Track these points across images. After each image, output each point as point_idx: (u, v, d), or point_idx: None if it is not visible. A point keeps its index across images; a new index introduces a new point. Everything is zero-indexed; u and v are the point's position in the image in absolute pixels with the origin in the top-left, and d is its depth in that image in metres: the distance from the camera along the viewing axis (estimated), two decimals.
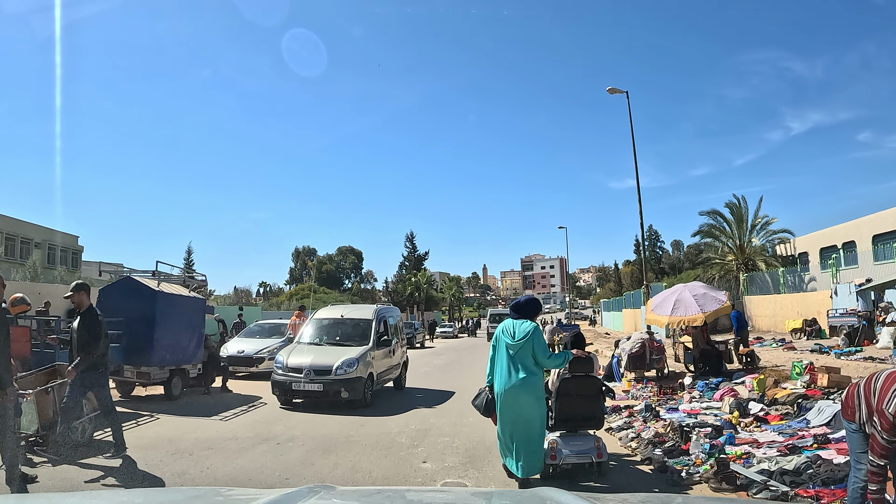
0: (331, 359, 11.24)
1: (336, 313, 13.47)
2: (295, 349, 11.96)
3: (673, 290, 14.33)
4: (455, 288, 78.42)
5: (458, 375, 17.58)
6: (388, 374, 13.07)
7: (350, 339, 12.39)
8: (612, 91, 22.77)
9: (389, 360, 13.03)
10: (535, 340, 5.65)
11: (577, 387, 6.09)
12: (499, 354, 5.83)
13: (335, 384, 10.87)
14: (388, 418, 10.23)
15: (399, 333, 14.36)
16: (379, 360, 12.28)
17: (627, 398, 11.80)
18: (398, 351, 13.87)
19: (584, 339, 6.88)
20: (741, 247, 35.64)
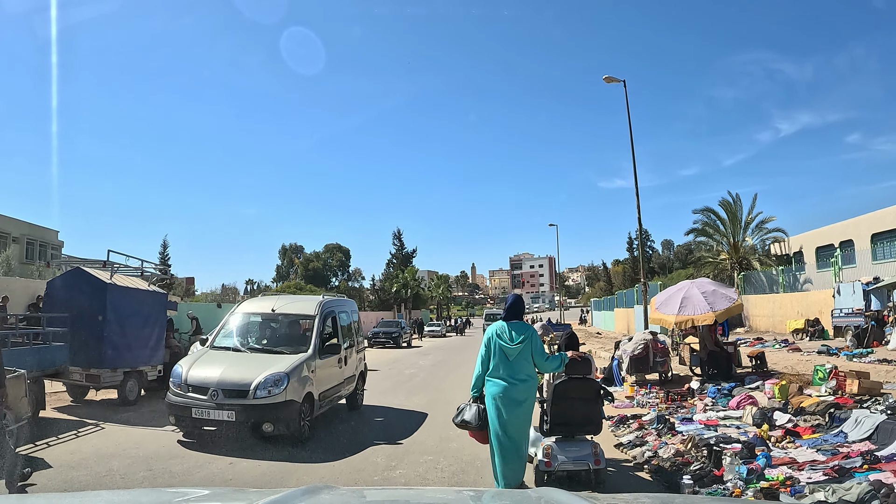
0: (250, 373, 7.81)
1: (265, 306, 9.82)
2: (203, 357, 8.55)
3: (679, 287, 13.24)
4: (443, 286, 77.18)
5: (444, 379, 16.40)
6: (338, 391, 9.73)
7: (283, 343, 9.15)
8: (609, 80, 21.76)
9: (339, 371, 9.66)
10: (534, 343, 5.44)
11: (573, 390, 5.82)
12: (493, 359, 5.47)
13: (254, 412, 7.55)
14: (328, 465, 7.01)
15: (355, 334, 11.01)
16: (323, 372, 8.92)
17: (632, 406, 10.76)
18: (353, 358, 10.52)
19: (578, 339, 6.57)
20: (735, 245, 34.95)
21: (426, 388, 13.84)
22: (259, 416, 7.57)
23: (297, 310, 9.71)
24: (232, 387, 7.68)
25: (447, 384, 14.44)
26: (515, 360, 5.39)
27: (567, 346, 6.23)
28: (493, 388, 5.39)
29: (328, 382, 9.15)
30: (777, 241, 35.02)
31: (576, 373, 5.89)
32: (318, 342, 8.87)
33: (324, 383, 8.93)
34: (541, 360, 5.50)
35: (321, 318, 9.30)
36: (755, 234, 35.33)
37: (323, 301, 9.82)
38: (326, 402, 9.16)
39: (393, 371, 18.14)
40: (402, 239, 70.93)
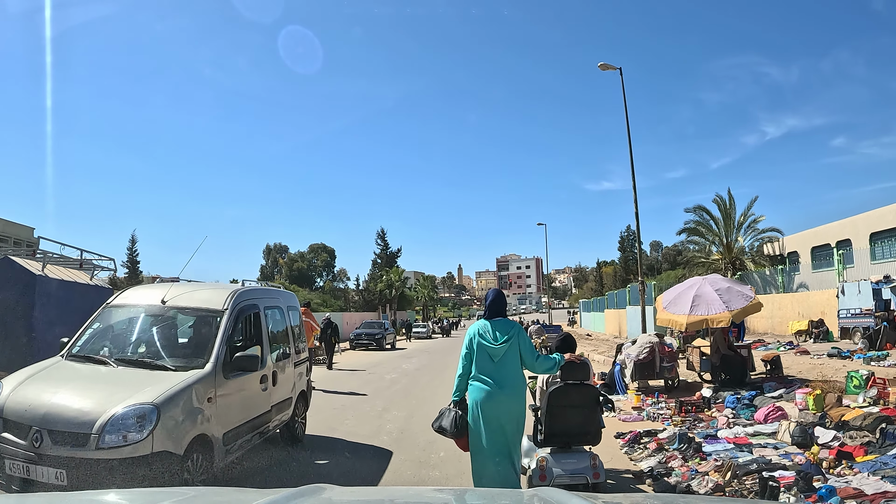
0: (99, 402, 4.77)
1: (153, 296, 6.47)
2: (44, 371, 5.46)
3: (690, 284, 12.00)
4: (430, 287, 75.89)
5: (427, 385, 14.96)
6: (260, 425, 6.50)
7: (172, 352, 5.87)
8: (604, 67, 20.64)
9: (261, 395, 6.55)
10: (521, 341, 4.95)
11: (569, 397, 5.37)
12: (476, 361, 4.92)
13: (99, 472, 4.46)
14: None
15: (293, 341, 7.91)
16: (232, 399, 5.82)
17: (641, 418, 9.48)
18: (287, 375, 7.43)
19: (575, 341, 6.02)
20: (728, 245, 34.17)
21: (406, 397, 12.45)
22: (107, 479, 4.39)
23: (197, 302, 6.34)
24: (64, 426, 4.55)
25: (430, 391, 13.16)
26: (501, 362, 4.88)
27: (562, 347, 5.69)
28: (476, 393, 4.85)
29: (242, 413, 6.01)
30: (771, 241, 34.43)
31: (573, 377, 5.39)
32: (222, 352, 5.69)
33: (233, 415, 5.80)
34: (531, 360, 4.98)
35: (232, 316, 6.11)
36: (748, 234, 34.78)
37: (238, 291, 6.55)
38: (239, 445, 5.94)
39: (373, 376, 16.79)
40: (387, 238, 69.48)
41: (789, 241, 33.46)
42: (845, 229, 28.59)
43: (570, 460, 5.32)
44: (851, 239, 27.50)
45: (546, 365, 5.14)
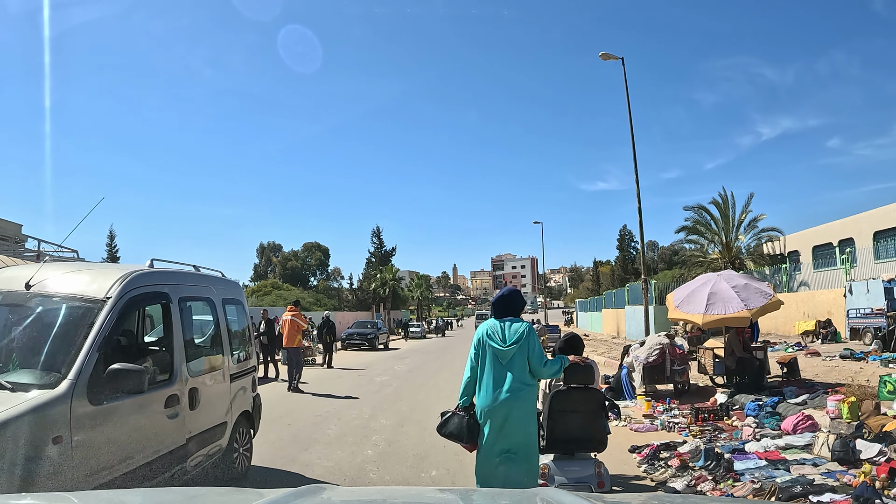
0: None
1: (17, 280, 4.49)
2: None
3: (703, 281, 11.14)
4: (424, 286, 75.00)
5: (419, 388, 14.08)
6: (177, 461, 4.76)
7: (23, 360, 4.05)
8: (606, 57, 19.85)
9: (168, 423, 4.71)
10: (531, 344, 4.58)
11: (573, 401, 5.07)
12: (484, 363, 4.58)
13: None
14: None
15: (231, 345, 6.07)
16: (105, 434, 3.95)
17: (655, 428, 8.64)
18: (218, 392, 5.66)
19: (582, 341, 5.64)
20: (727, 244, 33.51)
21: (397, 402, 11.54)
22: None
23: (72, 287, 4.44)
24: None
25: (422, 395, 12.32)
26: (509, 365, 4.53)
27: (566, 348, 5.34)
28: (484, 398, 4.54)
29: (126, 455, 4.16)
30: (771, 240, 33.82)
31: (576, 381, 5.10)
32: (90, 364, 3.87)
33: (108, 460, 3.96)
34: (538, 365, 4.57)
35: (116, 308, 4.26)
36: (748, 233, 34.17)
37: (132, 275, 4.61)
38: None
39: (363, 378, 15.90)
40: (382, 237, 68.82)
41: (790, 240, 32.93)
42: (847, 228, 28.11)
43: (574, 468, 5.03)
44: (854, 238, 27.00)
45: (552, 369, 4.74)
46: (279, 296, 56.10)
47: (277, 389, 13.18)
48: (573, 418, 5.06)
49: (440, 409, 9.04)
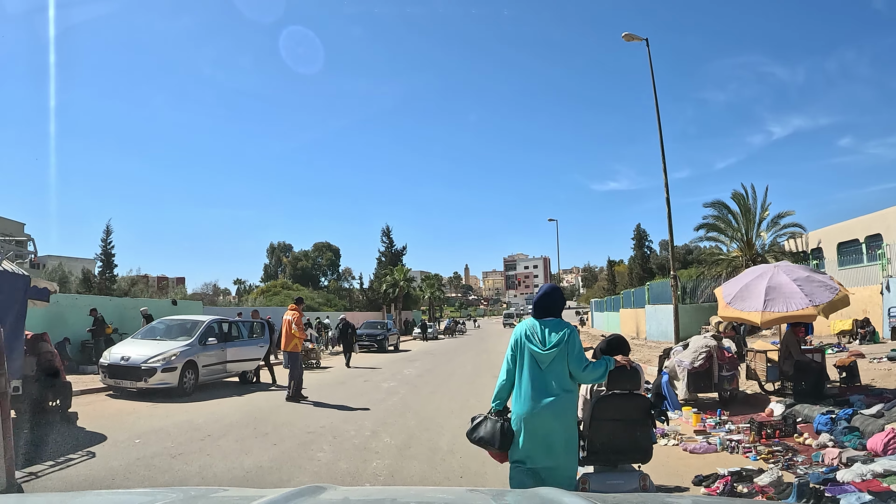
0: None
1: None
2: None
3: (758, 274, 9.81)
4: (436, 286, 74.02)
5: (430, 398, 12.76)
6: None
7: None
8: (629, 38, 18.74)
9: None
10: (572, 346, 4.18)
11: (618, 408, 4.57)
12: (522, 366, 4.24)
13: None
14: None
15: None
16: None
17: (713, 448, 7.27)
18: None
19: (627, 343, 5.03)
20: (749, 241, 32.26)
21: (404, 414, 10.15)
22: None
23: None
24: None
25: (433, 406, 11.08)
26: (549, 370, 4.24)
27: (610, 350, 4.75)
28: (521, 404, 4.24)
29: None
30: (794, 236, 32.47)
31: (621, 387, 4.62)
32: None
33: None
34: (578, 369, 4.25)
35: None
36: (769, 230, 32.86)
37: None
38: None
39: (368, 385, 14.61)
40: (392, 236, 67.69)
41: (813, 236, 31.58)
42: (875, 223, 26.68)
43: (617, 481, 4.62)
44: (882, 233, 25.51)
45: (596, 374, 4.35)
46: (288, 296, 55.36)
47: (274, 398, 12.10)
48: (617, 427, 4.62)
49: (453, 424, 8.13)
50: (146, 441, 7.67)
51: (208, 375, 13.23)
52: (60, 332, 17.04)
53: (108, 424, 8.64)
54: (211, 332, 13.63)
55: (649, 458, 4.74)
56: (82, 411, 9.51)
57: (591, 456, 4.68)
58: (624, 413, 4.63)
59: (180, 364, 12.10)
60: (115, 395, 11.97)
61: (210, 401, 11.57)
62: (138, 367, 11.67)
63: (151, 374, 11.67)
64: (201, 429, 8.61)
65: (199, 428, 8.67)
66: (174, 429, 8.58)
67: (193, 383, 12.51)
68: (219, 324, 14.22)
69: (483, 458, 6.03)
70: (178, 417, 9.58)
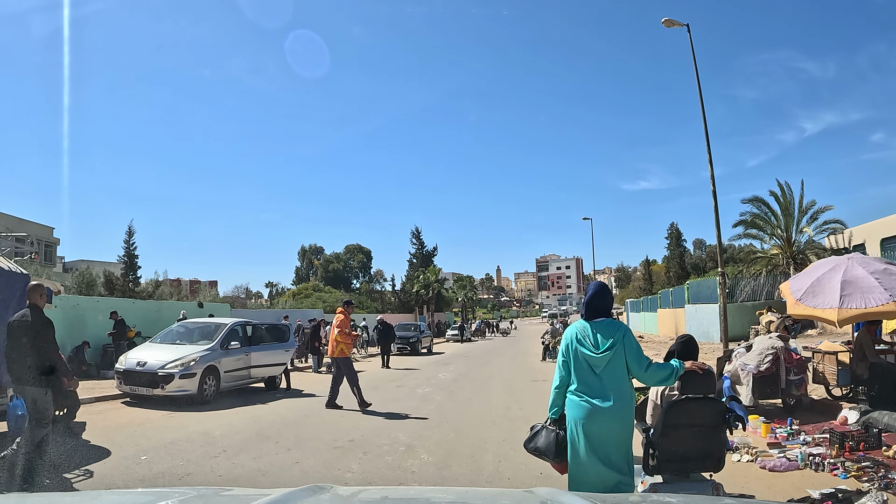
0: None
1: None
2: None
3: (831, 267, 8.82)
4: (468, 288, 73.08)
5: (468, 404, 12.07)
6: None
7: None
8: (669, 23, 17.71)
9: None
10: (629, 347, 3.97)
11: (691, 414, 4.15)
12: (576, 372, 4.04)
13: None
14: None
15: None
16: None
17: (795, 464, 6.35)
18: None
19: (697, 344, 4.64)
20: (788, 238, 30.87)
21: (441, 424, 9.35)
22: None
23: None
24: None
25: (472, 414, 10.31)
26: (605, 373, 3.96)
27: (682, 352, 4.48)
28: (576, 410, 3.99)
29: None
30: (835, 232, 31.03)
31: (695, 390, 4.27)
32: None
33: None
34: (639, 369, 3.97)
35: None
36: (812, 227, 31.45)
37: None
38: None
39: (402, 390, 13.86)
40: (422, 238, 66.95)
41: (855, 232, 30.23)
42: None
43: (689, 491, 4.22)
44: None
45: (661, 375, 4.10)
46: (319, 298, 55.10)
47: (300, 406, 11.41)
48: (690, 433, 4.26)
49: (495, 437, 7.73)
50: (153, 458, 6.88)
51: (231, 382, 12.45)
52: (80, 336, 16.74)
53: (116, 437, 7.92)
54: (234, 335, 12.88)
55: (722, 466, 4.38)
56: (91, 421, 8.96)
57: (661, 464, 4.31)
58: (698, 419, 4.27)
59: (200, 370, 11.35)
60: (132, 402, 11.27)
61: (231, 409, 10.83)
62: (154, 373, 10.95)
63: (168, 381, 10.92)
64: (216, 443, 7.85)
65: (214, 442, 7.93)
66: (186, 443, 7.81)
67: (214, 390, 11.76)
68: (242, 327, 13.46)
69: (533, 480, 5.58)
70: (194, 429, 8.84)
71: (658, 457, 4.35)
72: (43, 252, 40.53)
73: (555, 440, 4.19)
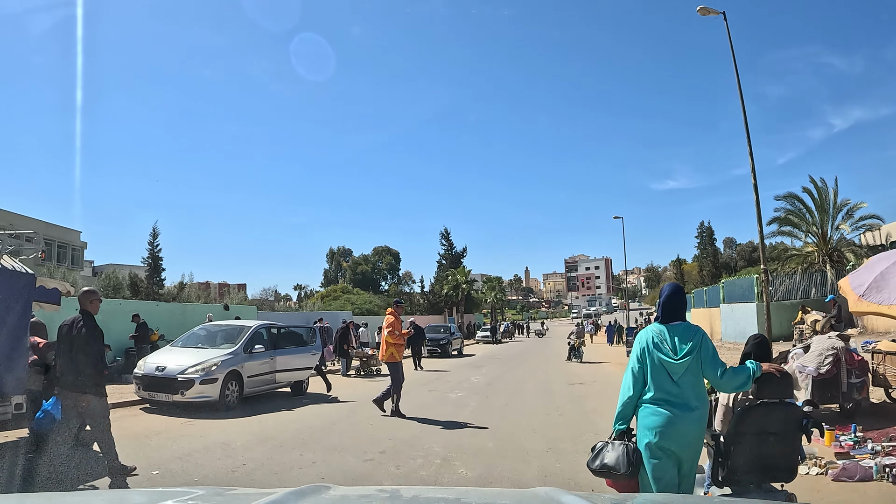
0: None
1: None
2: None
3: (893, 259, 8.03)
4: (497, 289, 72.39)
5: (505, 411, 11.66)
6: None
7: None
8: (705, 11, 16.93)
9: None
10: (706, 352, 3.72)
11: (769, 420, 3.85)
12: (651, 379, 3.73)
13: None
14: None
15: None
16: None
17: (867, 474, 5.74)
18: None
19: (771, 346, 4.54)
20: (823, 236, 29.74)
21: (477, 434, 8.75)
22: None
23: None
24: None
25: (510, 423, 9.66)
26: (682, 380, 3.69)
27: (758, 353, 4.18)
28: (653, 418, 3.68)
29: None
30: (871, 229, 29.82)
31: (772, 395, 3.90)
32: None
33: None
34: (715, 375, 3.71)
35: None
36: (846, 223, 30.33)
37: None
38: None
39: (434, 395, 13.36)
40: (451, 239, 66.53)
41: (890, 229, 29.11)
42: None
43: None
44: None
45: (737, 381, 3.81)
46: (348, 300, 54.87)
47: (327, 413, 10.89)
48: (767, 442, 3.93)
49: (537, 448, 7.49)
50: (166, 472, 6.33)
51: (255, 387, 11.94)
52: None
53: (130, 448, 7.14)
54: (258, 338, 12.34)
55: (794, 476, 4.11)
56: None
57: (733, 475, 3.99)
58: (774, 425, 3.96)
59: (222, 375, 10.83)
60: (151, 408, 10.74)
61: (254, 417, 10.29)
62: (174, 378, 10.41)
63: (188, 387, 10.40)
64: (236, 455, 7.29)
65: (233, 454, 7.36)
66: (204, 455, 7.25)
67: (237, 396, 11.24)
68: (267, 329, 12.88)
69: None
70: (213, 438, 8.31)
71: (730, 467, 3.99)
72: (70, 256, 40.90)
73: (626, 455, 3.75)
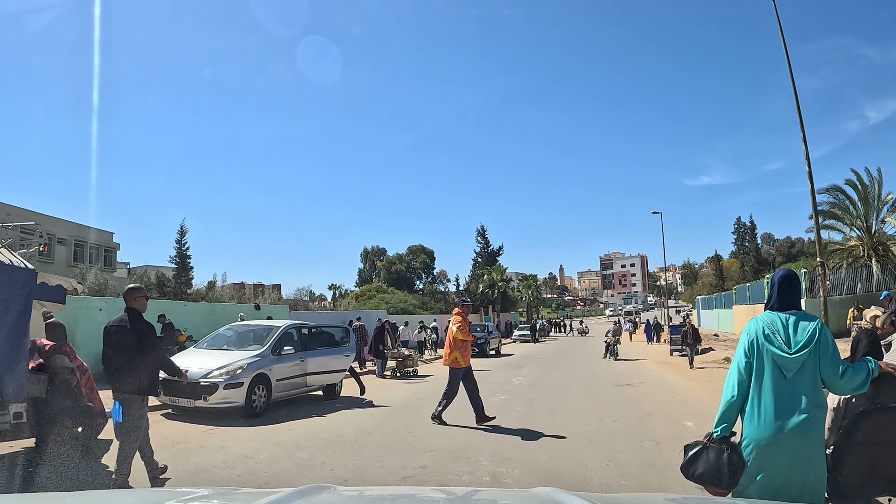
0: None
1: None
2: None
3: None
4: (533, 287, 71.44)
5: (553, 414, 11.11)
6: None
7: None
8: None
9: None
10: (824, 346, 3.13)
11: (888, 427, 3.53)
12: (760, 376, 3.21)
13: None
14: None
15: None
16: None
17: None
18: None
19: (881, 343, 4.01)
20: (868, 229, 28.64)
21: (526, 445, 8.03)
22: None
23: None
24: None
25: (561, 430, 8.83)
26: (797, 378, 3.13)
27: (872, 351, 3.76)
28: (760, 426, 3.16)
29: None
30: None
31: (891, 399, 3.51)
32: None
33: None
34: (833, 375, 3.11)
35: None
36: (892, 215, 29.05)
37: None
38: None
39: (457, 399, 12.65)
40: (487, 236, 65.87)
41: None
42: None
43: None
44: None
45: (857, 381, 3.16)
46: (382, 299, 54.57)
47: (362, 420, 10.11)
48: (885, 451, 3.61)
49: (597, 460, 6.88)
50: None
51: (284, 391, 11.38)
52: None
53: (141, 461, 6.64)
54: (288, 339, 11.77)
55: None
56: None
57: (846, 490, 3.66)
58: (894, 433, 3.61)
59: (248, 378, 10.28)
60: (173, 414, 10.28)
61: (282, 424, 9.63)
62: (196, 382, 9.71)
63: (212, 391, 9.86)
64: (259, 471, 6.59)
65: (256, 470, 6.65)
66: (223, 470, 6.62)
67: (265, 401, 10.67)
68: (297, 329, 12.28)
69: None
70: (235, 450, 7.65)
71: (844, 480, 3.65)
72: (102, 256, 41.23)
73: (727, 463, 3.29)
